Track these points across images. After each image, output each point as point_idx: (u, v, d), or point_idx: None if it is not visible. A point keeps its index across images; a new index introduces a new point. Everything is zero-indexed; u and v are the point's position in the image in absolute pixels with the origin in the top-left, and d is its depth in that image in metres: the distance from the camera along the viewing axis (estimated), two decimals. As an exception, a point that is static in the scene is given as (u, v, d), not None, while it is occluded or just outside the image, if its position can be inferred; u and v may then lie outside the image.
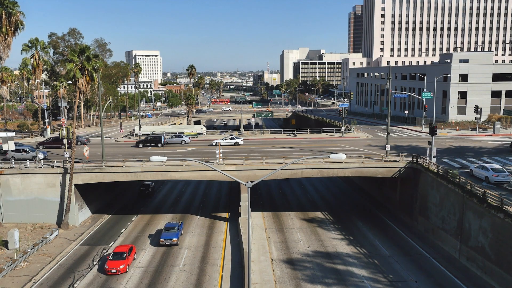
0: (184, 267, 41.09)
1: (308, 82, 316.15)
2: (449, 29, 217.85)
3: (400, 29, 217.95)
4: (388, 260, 41.76)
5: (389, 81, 59.17)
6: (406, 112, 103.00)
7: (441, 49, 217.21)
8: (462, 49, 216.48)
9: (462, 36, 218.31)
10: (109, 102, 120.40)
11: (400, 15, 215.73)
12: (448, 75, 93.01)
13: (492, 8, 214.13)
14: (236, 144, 73.84)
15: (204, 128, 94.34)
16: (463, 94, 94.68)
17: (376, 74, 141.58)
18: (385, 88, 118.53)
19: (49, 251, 45.02)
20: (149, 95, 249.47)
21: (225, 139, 74.67)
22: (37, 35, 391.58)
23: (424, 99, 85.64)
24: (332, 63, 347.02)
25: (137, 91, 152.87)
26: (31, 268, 41.03)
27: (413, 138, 77.28)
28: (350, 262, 41.45)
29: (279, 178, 63.21)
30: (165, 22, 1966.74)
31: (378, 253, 43.68)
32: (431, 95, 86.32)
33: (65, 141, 63.58)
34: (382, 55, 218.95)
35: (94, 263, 42.45)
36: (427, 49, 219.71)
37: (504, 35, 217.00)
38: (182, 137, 78.53)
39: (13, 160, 56.10)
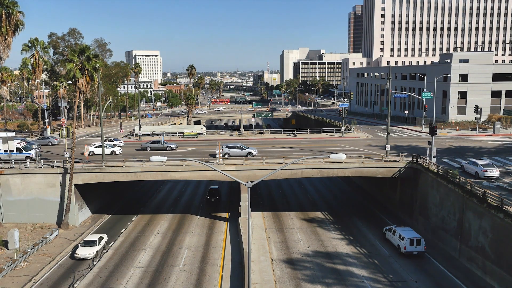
0: (184, 267, 41.09)
1: (308, 82, 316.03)
2: (449, 29, 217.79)
3: (400, 29, 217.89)
4: (388, 260, 41.75)
5: (389, 81, 59.16)
6: (406, 112, 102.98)
7: (441, 49, 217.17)
8: (462, 49, 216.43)
9: (462, 36, 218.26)
10: (109, 102, 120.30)
11: (400, 15, 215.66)
12: (448, 75, 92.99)
13: (492, 8, 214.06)
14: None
15: (204, 128, 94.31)
16: (463, 94, 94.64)
17: (376, 74, 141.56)
18: (385, 88, 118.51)
19: (49, 251, 45.01)
20: (149, 95, 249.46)
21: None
22: (37, 35, 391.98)
23: (424, 99, 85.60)
24: (332, 63, 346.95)
25: (137, 91, 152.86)
26: (31, 268, 41.02)
27: (413, 138, 77.26)
28: (350, 262, 41.44)
29: (279, 178, 63.19)
30: (165, 22, 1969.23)
31: (378, 253, 43.68)
32: (431, 95, 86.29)
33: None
34: (382, 55, 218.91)
35: (94, 263, 42.45)
36: (427, 49, 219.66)
37: (504, 35, 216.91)
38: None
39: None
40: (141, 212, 59.45)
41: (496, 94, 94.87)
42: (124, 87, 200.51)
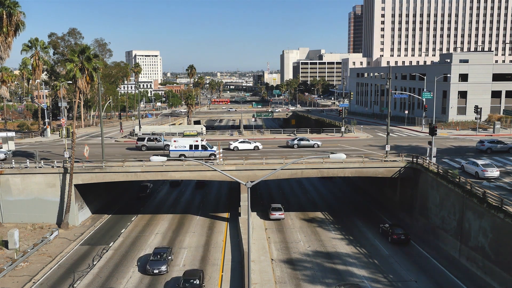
0: (184, 267, 41.05)
1: (308, 82, 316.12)
2: (449, 29, 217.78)
3: (400, 29, 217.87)
4: (388, 260, 41.77)
5: (389, 81, 59.18)
6: (406, 112, 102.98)
7: (441, 49, 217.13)
8: (462, 49, 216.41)
9: (462, 36, 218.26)
10: (109, 102, 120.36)
11: (400, 15, 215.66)
12: (448, 75, 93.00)
13: (492, 8, 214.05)
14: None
15: (204, 128, 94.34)
16: (463, 94, 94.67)
17: (376, 74, 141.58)
18: (385, 88, 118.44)
19: (49, 251, 45.01)
20: (149, 95, 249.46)
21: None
22: (37, 35, 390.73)
23: (424, 99, 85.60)
24: (332, 63, 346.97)
25: (137, 91, 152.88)
26: (31, 268, 41.03)
27: (413, 138, 77.26)
28: (350, 262, 41.46)
29: (279, 178, 63.18)
30: (165, 22, 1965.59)
31: (378, 253, 43.69)
32: (431, 95, 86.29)
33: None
34: (382, 55, 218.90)
35: (94, 263, 42.45)
36: (427, 49, 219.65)
37: (504, 35, 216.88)
38: None
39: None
40: (141, 212, 59.45)
41: (496, 94, 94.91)
42: (124, 87, 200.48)
